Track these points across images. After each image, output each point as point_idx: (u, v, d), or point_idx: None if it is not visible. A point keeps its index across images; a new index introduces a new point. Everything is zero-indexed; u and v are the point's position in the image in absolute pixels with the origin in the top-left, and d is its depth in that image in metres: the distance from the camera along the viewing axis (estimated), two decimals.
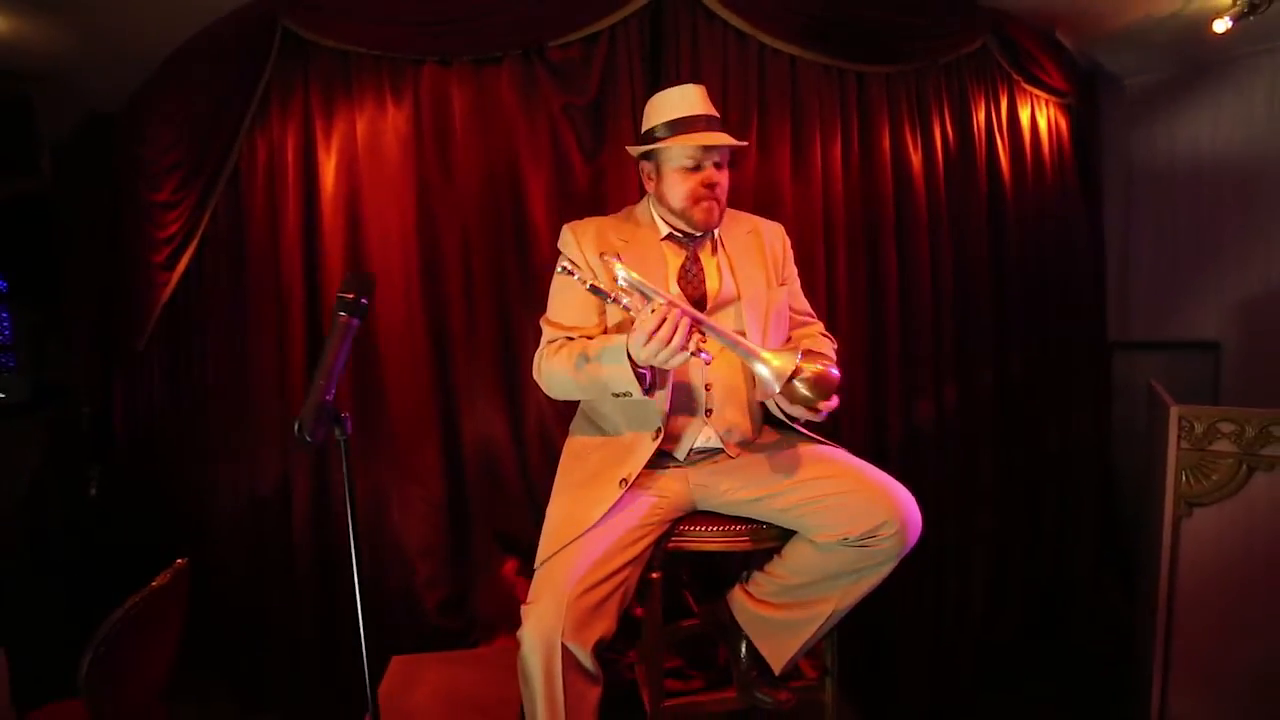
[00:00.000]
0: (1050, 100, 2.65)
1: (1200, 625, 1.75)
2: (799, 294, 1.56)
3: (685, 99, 1.37)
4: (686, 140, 1.32)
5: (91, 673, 1.49)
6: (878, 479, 1.25)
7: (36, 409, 4.39)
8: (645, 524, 1.28)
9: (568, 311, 1.38)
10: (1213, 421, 1.71)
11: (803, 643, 1.33)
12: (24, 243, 4.09)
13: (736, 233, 1.47)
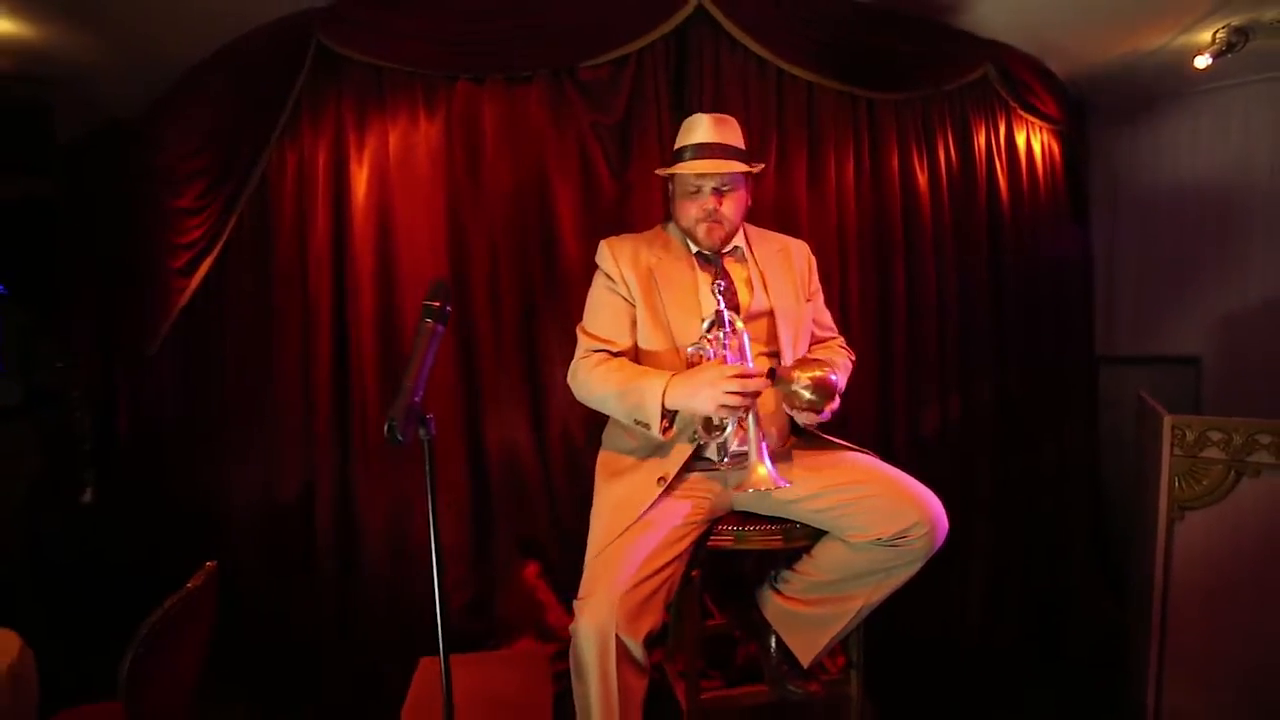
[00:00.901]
0: (1044, 126, 2.79)
1: (1192, 623, 1.86)
2: (823, 309, 1.66)
3: (696, 128, 1.47)
4: (682, 169, 1.44)
5: (132, 672, 1.52)
6: (907, 483, 1.33)
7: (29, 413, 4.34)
8: (688, 523, 1.35)
9: (602, 324, 1.47)
10: (1203, 430, 1.82)
11: (831, 637, 1.41)
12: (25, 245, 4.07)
13: (767, 250, 1.57)
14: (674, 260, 1.49)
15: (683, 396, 1.28)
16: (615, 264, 1.48)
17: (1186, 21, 2.43)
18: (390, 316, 2.18)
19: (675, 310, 1.44)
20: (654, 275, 1.46)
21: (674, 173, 1.47)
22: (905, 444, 2.38)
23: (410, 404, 0.97)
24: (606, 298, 1.48)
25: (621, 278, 1.46)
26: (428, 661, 1.99)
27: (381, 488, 2.22)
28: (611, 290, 1.48)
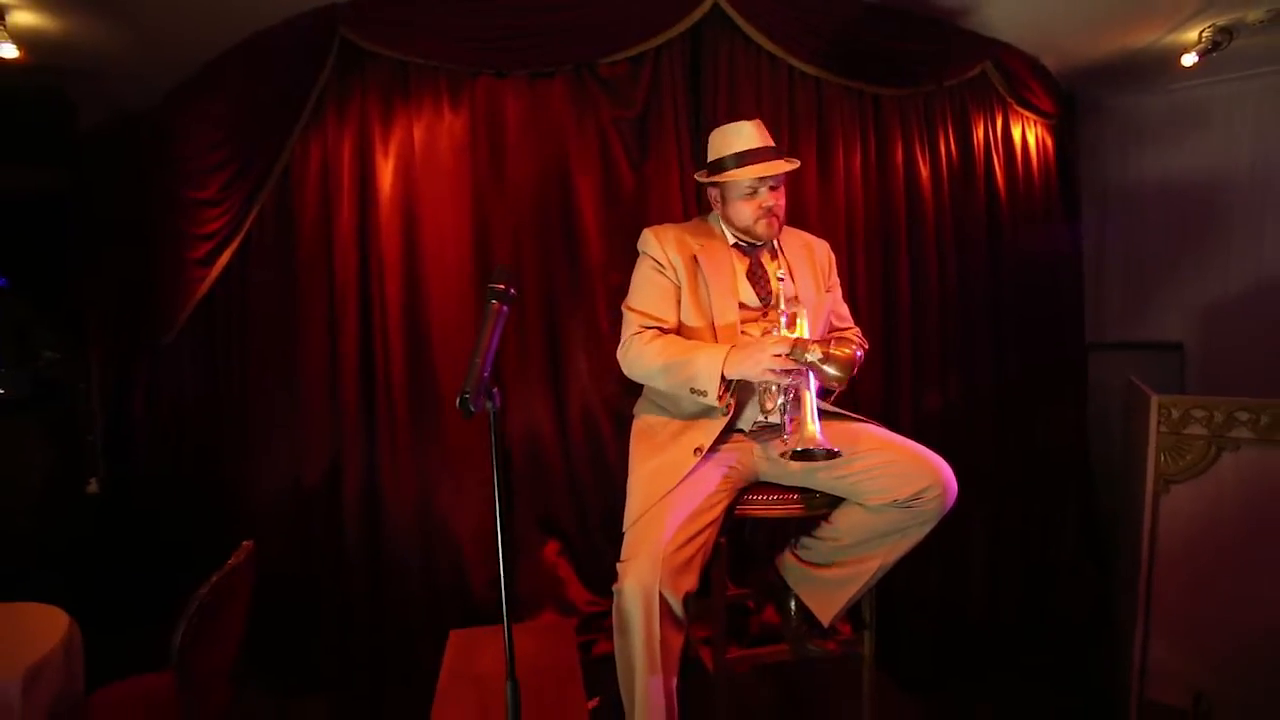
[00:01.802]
0: (1039, 121, 2.91)
1: (1176, 587, 2.00)
2: (841, 301, 1.77)
3: (741, 134, 1.58)
4: (741, 174, 1.54)
5: (184, 643, 1.60)
6: (919, 449, 1.44)
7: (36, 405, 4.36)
8: (720, 490, 1.44)
9: (651, 303, 1.57)
10: (1187, 409, 1.95)
11: (850, 596, 1.51)
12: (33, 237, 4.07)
13: (794, 245, 1.69)
14: (716, 248, 1.61)
15: (739, 362, 1.39)
16: (662, 249, 1.58)
17: (1175, 21, 2.55)
18: (415, 304, 2.25)
19: (717, 293, 1.55)
20: (698, 260, 1.56)
21: (730, 180, 1.57)
22: (910, 424, 2.49)
23: (481, 378, 1.05)
24: (654, 278, 1.57)
25: (669, 261, 1.56)
26: (457, 634, 2.09)
27: (407, 469, 2.30)
28: (659, 272, 1.57)
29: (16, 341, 5.05)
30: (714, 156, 1.60)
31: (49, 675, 1.65)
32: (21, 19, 2.22)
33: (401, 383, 2.24)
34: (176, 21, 2.35)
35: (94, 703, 1.79)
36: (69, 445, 3.59)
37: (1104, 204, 3.47)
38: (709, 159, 1.63)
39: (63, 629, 1.75)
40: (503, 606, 1.13)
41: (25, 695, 1.55)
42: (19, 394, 4.47)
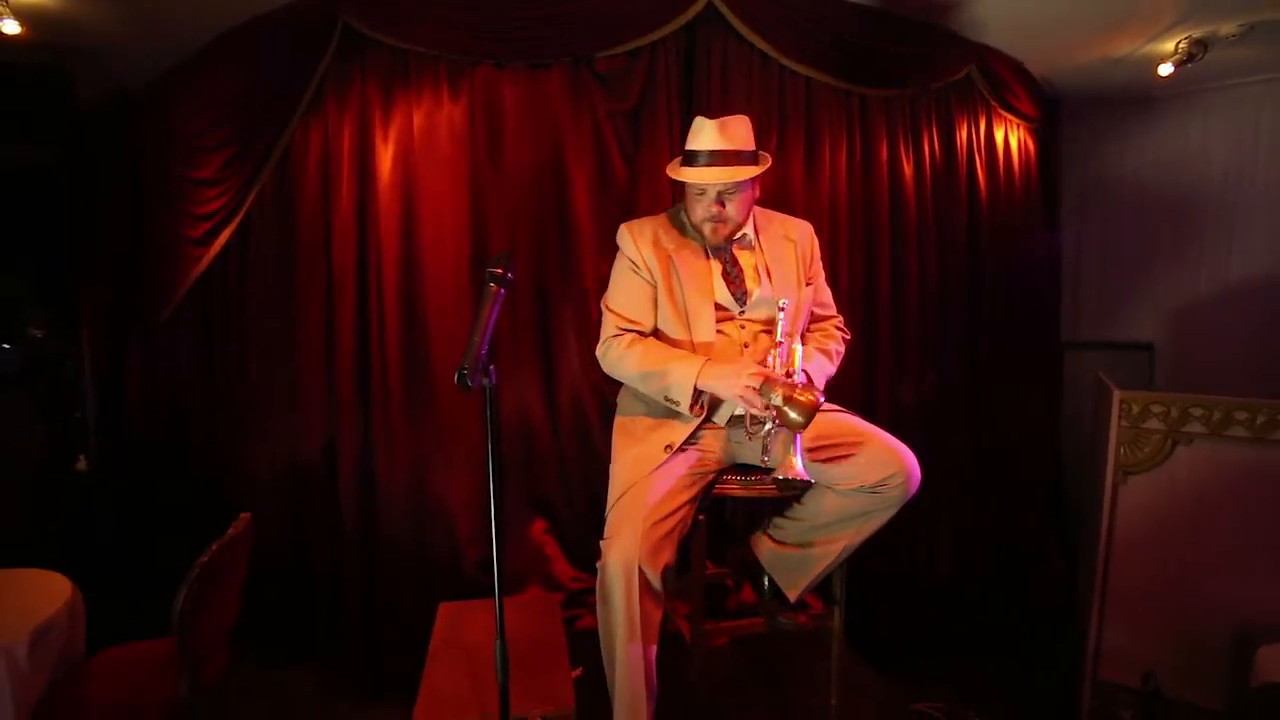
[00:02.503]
0: (1021, 124, 3.00)
1: (1130, 572, 2.12)
2: (823, 287, 1.77)
3: (701, 133, 1.53)
4: (687, 176, 1.54)
5: (184, 609, 1.68)
6: (887, 438, 1.52)
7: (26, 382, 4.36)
8: (695, 473, 1.52)
9: (629, 304, 1.59)
10: (1146, 404, 2.07)
11: (815, 575, 1.61)
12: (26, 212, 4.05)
13: (773, 235, 1.67)
14: (690, 248, 1.61)
15: (713, 379, 1.44)
16: (637, 249, 1.59)
17: (1152, 32, 2.64)
18: (412, 288, 2.30)
19: (692, 295, 1.56)
20: (673, 261, 1.58)
21: (681, 179, 1.56)
22: (887, 415, 2.59)
23: (478, 356, 1.12)
24: (631, 279, 1.60)
25: (644, 262, 1.58)
26: (447, 606, 2.17)
27: (401, 448, 2.36)
28: (634, 272, 1.59)
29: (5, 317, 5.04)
30: (686, 149, 1.59)
31: (54, 637, 1.71)
32: None
33: (397, 365, 2.30)
34: (174, 1, 2.38)
35: (94, 666, 1.85)
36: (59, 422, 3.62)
37: (1083, 206, 3.58)
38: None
39: (66, 594, 1.81)
40: (494, 573, 1.20)
41: (31, 655, 1.61)
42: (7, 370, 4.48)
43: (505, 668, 1.20)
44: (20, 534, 3.12)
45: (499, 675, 1.20)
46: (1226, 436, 1.96)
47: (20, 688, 1.57)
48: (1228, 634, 1.94)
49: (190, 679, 1.74)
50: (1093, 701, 2.19)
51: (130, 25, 2.52)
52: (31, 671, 1.61)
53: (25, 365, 4.42)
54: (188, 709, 1.73)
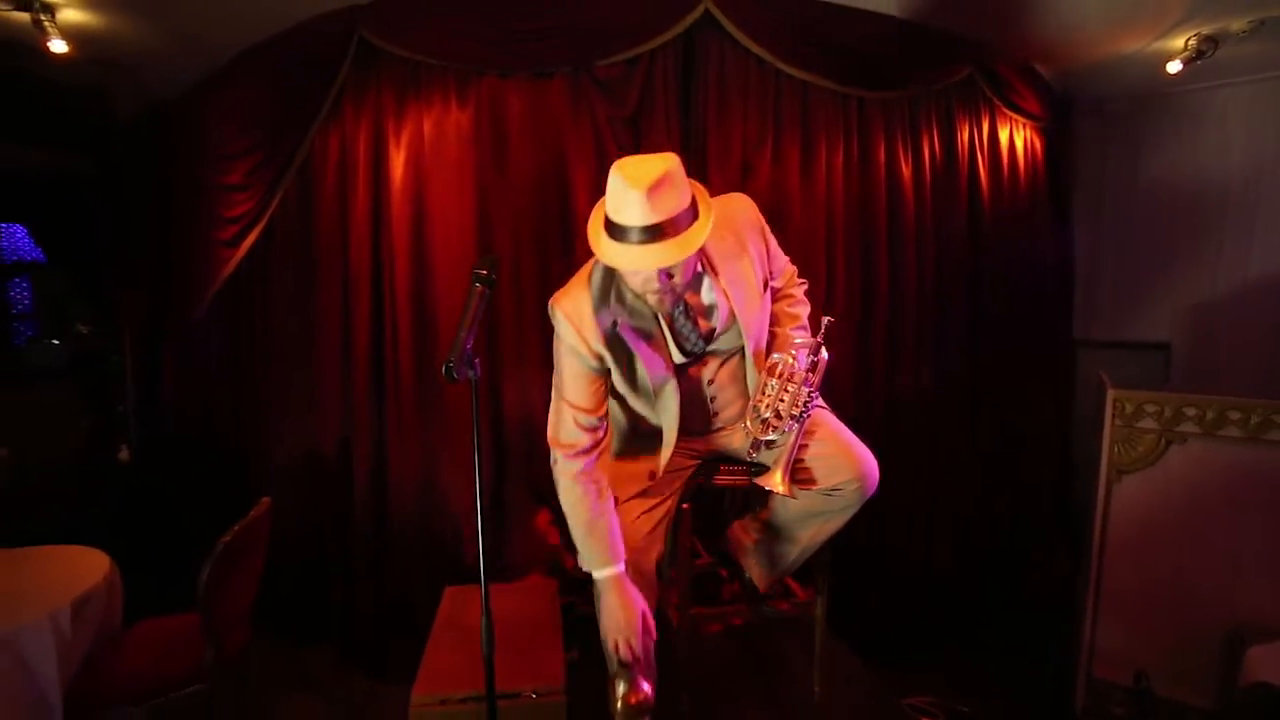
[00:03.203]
0: (1027, 123, 2.99)
1: (1125, 571, 2.13)
2: (778, 256, 1.53)
3: (628, 205, 1.18)
4: (616, 260, 1.22)
5: (208, 584, 1.82)
6: (848, 443, 1.46)
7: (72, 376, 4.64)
8: (676, 469, 1.59)
9: (579, 394, 1.40)
10: (1140, 403, 2.07)
11: (781, 569, 1.66)
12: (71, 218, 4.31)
13: (724, 249, 1.37)
14: (640, 314, 1.34)
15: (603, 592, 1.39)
16: (578, 335, 1.35)
17: (1160, 29, 2.61)
18: (423, 288, 2.42)
19: (646, 365, 1.38)
20: (622, 339, 1.35)
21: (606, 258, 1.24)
22: (881, 415, 2.63)
23: (463, 350, 1.21)
24: (575, 366, 1.38)
25: (588, 350, 1.35)
26: (452, 590, 2.28)
27: (412, 442, 2.49)
28: (580, 362, 1.37)
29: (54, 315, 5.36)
30: (607, 215, 1.24)
31: (94, 606, 1.87)
32: (69, 16, 2.41)
33: (409, 362, 2.43)
34: (207, 19, 2.53)
35: (130, 635, 2.01)
36: (103, 414, 3.85)
37: (1097, 205, 3.54)
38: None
39: (105, 568, 1.97)
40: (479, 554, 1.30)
41: (74, 622, 1.77)
42: (56, 365, 4.77)
43: (491, 643, 1.30)
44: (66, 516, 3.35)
45: (484, 650, 1.29)
46: (1220, 436, 1.95)
47: (64, 651, 1.72)
48: (1219, 634, 1.93)
49: (214, 649, 1.89)
50: (1086, 699, 2.20)
51: (165, 42, 2.69)
52: (74, 637, 1.77)
53: (72, 361, 4.70)
54: (211, 676, 1.88)
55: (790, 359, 1.37)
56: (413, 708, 1.67)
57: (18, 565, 1.97)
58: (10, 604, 1.71)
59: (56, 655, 1.70)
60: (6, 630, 1.62)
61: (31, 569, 1.94)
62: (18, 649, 1.64)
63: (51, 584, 1.83)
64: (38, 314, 5.42)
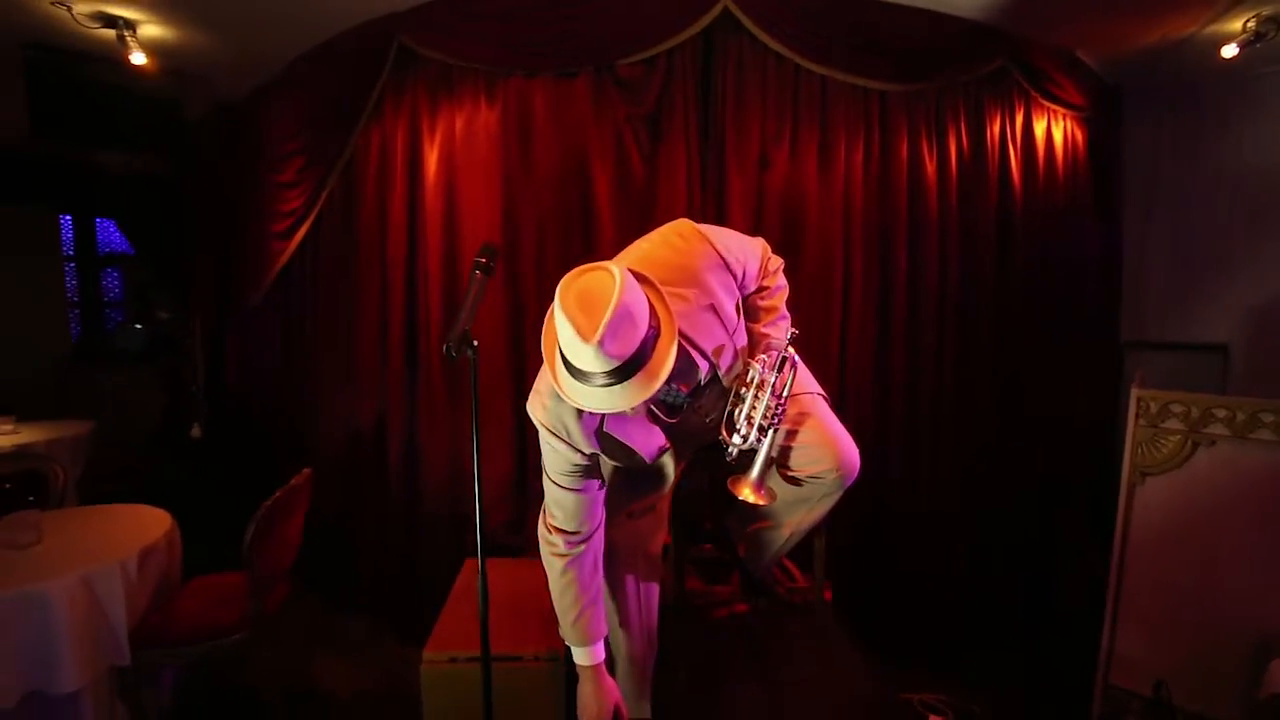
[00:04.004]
0: (1067, 114, 2.88)
1: (1145, 576, 2.06)
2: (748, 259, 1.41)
3: (584, 356, 1.09)
4: (581, 402, 1.15)
5: (252, 542, 2.01)
6: (832, 434, 1.43)
7: (151, 358, 5.09)
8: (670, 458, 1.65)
9: (574, 481, 1.39)
10: (1165, 403, 2.00)
11: (769, 555, 1.69)
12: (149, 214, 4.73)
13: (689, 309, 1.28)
14: (619, 418, 1.28)
15: (581, 679, 1.46)
16: (571, 449, 1.33)
17: (1215, 10, 2.48)
18: (453, 278, 2.57)
19: (641, 448, 1.35)
20: (611, 436, 1.31)
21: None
22: (900, 417, 2.61)
23: (461, 331, 1.32)
24: (568, 464, 1.36)
25: (583, 455, 1.34)
26: (472, 562, 2.43)
27: (441, 420, 2.65)
28: (570, 460, 1.35)
29: (139, 303, 5.87)
30: (562, 349, 1.15)
31: (156, 557, 2.10)
32: (148, 31, 2.68)
33: (438, 348, 2.58)
34: (265, 30, 2.75)
35: (188, 588, 2.24)
36: (177, 394, 4.22)
37: (1149, 199, 3.36)
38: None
39: (166, 525, 2.20)
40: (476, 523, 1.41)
41: (139, 570, 1.99)
42: (138, 348, 5.23)
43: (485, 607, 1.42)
44: (141, 484, 3.69)
45: (480, 612, 1.40)
46: (1252, 439, 1.86)
47: (130, 594, 1.94)
48: (1245, 645, 1.85)
49: (256, 602, 2.09)
50: (1102, 706, 2.14)
51: (229, 52, 2.94)
52: (139, 583, 1.99)
53: (152, 344, 5.15)
54: (253, 627, 2.08)
55: (758, 367, 1.34)
56: (424, 664, 1.81)
57: (94, 520, 2.22)
58: (87, 552, 1.95)
59: (124, 598, 1.92)
60: (84, 573, 1.85)
61: (106, 524, 2.18)
62: (93, 589, 1.86)
63: (121, 537, 2.06)
64: (126, 302, 5.95)
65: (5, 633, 1.72)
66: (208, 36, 2.80)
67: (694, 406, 1.42)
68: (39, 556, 1.92)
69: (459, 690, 1.76)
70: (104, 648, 1.88)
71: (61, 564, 1.86)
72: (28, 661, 1.74)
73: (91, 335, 5.71)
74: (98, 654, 1.86)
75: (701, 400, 1.43)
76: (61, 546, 1.99)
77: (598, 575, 1.45)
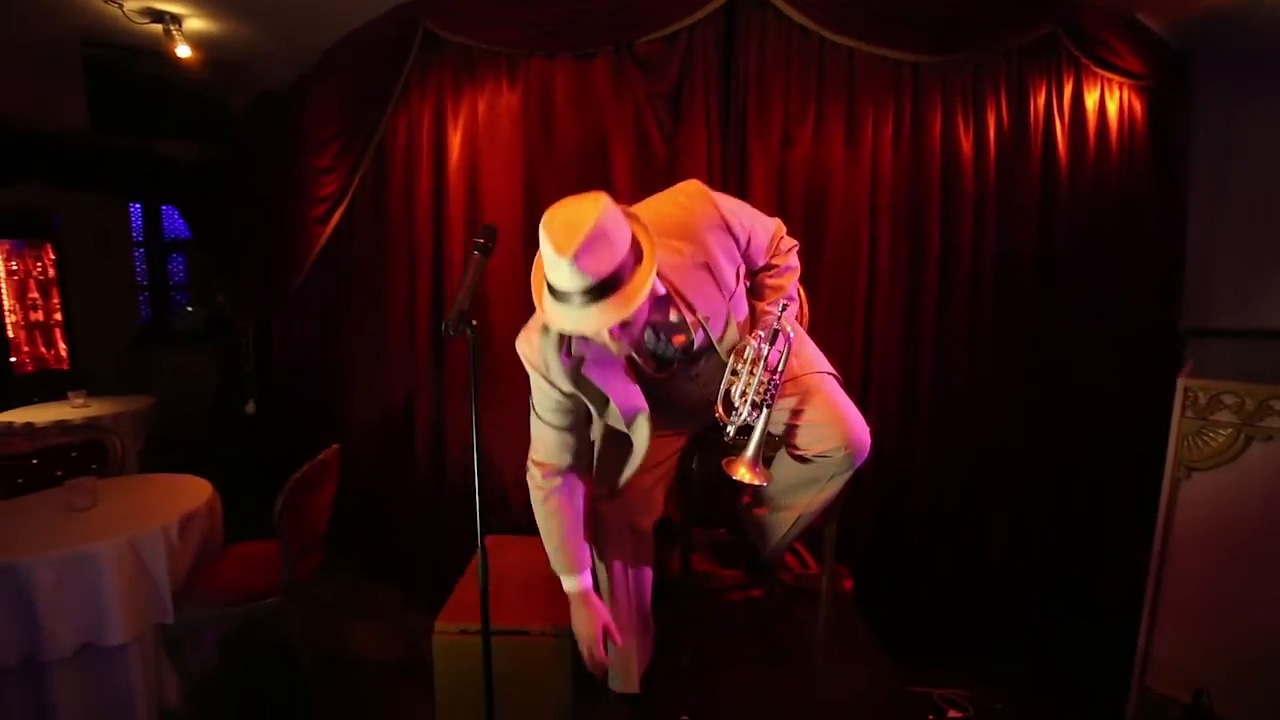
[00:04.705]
0: (1124, 83, 2.68)
1: (1188, 576, 1.93)
2: (756, 233, 1.44)
3: (560, 271, 1.13)
4: (561, 324, 1.20)
5: (282, 511, 2.11)
6: (840, 412, 1.42)
7: (208, 338, 5.39)
8: (673, 433, 1.63)
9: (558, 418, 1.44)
10: (1216, 393, 1.85)
11: (778, 538, 1.67)
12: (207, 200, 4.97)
13: (682, 263, 1.31)
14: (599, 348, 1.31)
15: (571, 603, 1.52)
16: (550, 385, 1.38)
17: None
18: None
19: (617, 400, 1.37)
20: (589, 373, 1.34)
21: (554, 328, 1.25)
22: (930, 401, 2.51)
23: (460, 311, 1.33)
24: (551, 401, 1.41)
25: (562, 393, 1.38)
26: (492, 538, 2.49)
27: (465, 402, 2.70)
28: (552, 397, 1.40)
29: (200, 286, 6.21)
30: (546, 273, 1.19)
31: (197, 524, 2.23)
32: (193, 25, 2.80)
33: None
34: (300, 18, 2.83)
35: (228, 553, 2.37)
36: (230, 372, 4.46)
37: (1222, 175, 3.11)
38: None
39: (207, 493, 2.34)
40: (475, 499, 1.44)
41: (180, 535, 2.13)
42: (197, 329, 5.55)
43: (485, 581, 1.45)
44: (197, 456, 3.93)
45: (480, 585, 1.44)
46: None
47: (171, 559, 2.08)
48: None
49: (289, 568, 2.20)
50: (1137, 711, 2.03)
51: (270, 42, 3.04)
52: (180, 547, 2.13)
53: (210, 326, 5.45)
54: (285, 591, 2.19)
55: (755, 343, 1.34)
56: (435, 634, 1.87)
57: (144, 488, 2.38)
58: (135, 517, 2.09)
59: (167, 560, 2.05)
60: (131, 536, 1.98)
61: (153, 492, 2.34)
62: (138, 551, 2.00)
63: (166, 504, 2.20)
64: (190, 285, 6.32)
65: (60, 589, 1.87)
66: (249, 27, 2.90)
67: (690, 375, 1.44)
68: (93, 520, 2.08)
69: (468, 660, 1.81)
70: (149, 605, 2.02)
71: (111, 527, 2.00)
72: (81, 615, 1.89)
73: (159, 317, 6.10)
74: (143, 611, 2.00)
75: (699, 370, 1.44)
76: (113, 512, 2.14)
77: (576, 506, 1.50)
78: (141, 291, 6.17)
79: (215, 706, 2.25)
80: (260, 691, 2.37)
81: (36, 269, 5.51)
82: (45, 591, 1.84)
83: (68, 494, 2.15)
